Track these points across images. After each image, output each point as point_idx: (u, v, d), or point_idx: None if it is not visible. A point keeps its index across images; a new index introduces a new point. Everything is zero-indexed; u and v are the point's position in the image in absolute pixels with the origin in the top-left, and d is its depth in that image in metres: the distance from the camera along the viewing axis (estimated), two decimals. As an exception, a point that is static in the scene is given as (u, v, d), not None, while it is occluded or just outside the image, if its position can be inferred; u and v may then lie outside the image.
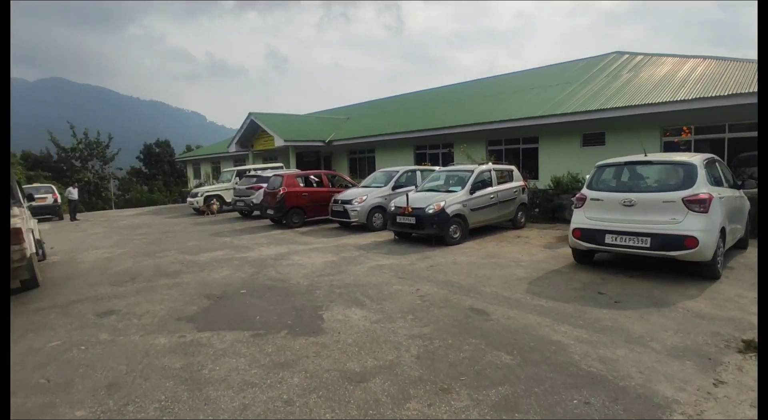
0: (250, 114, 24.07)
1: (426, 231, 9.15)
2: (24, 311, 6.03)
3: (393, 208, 9.87)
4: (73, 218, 19.86)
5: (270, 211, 13.59)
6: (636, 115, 12.32)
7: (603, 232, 6.30)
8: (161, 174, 46.56)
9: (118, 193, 38.46)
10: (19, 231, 6.20)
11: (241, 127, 25.05)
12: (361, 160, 23.72)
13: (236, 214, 17.72)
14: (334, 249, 9.36)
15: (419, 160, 20.35)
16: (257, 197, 15.71)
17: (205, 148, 40.38)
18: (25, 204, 9.18)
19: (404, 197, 9.88)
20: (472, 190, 9.78)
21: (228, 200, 18.89)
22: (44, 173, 34.82)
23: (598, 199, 6.54)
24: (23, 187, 21.57)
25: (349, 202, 11.63)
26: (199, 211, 19.03)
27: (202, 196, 18.75)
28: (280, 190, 13.17)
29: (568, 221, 12.36)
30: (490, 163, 10.91)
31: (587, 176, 9.61)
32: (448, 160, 18.80)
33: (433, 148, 20.00)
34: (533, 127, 15.55)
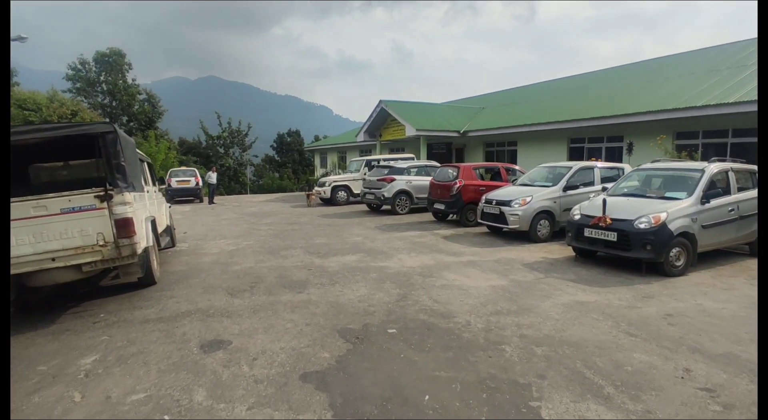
0: (380, 102, 22.73)
1: (634, 253, 6.37)
2: (129, 321, 4.85)
3: (577, 217, 7.23)
4: (211, 201, 20.48)
5: (439, 206, 11.88)
6: None
7: None
8: (291, 162, 48.56)
9: (253, 179, 40.75)
10: (128, 222, 5.03)
11: (371, 115, 23.90)
12: (500, 154, 20.95)
13: (363, 207, 16.37)
14: (495, 266, 7.07)
15: (574, 154, 17.03)
16: (389, 190, 14.08)
17: (332, 137, 40.80)
18: (156, 188, 8.49)
19: (597, 202, 7.18)
20: (705, 199, 6.71)
21: (356, 192, 17.67)
22: (193, 158, 38.04)
23: None
24: (172, 169, 23.11)
25: (507, 203, 9.22)
26: (325, 201, 18.17)
27: (329, 185, 17.79)
28: (456, 183, 11.33)
29: None
30: (717, 162, 7.55)
31: None
32: (613, 155, 15.29)
33: (594, 142, 16.51)
34: (754, 114, 11.46)
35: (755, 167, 7.94)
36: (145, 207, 6.31)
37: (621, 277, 6.37)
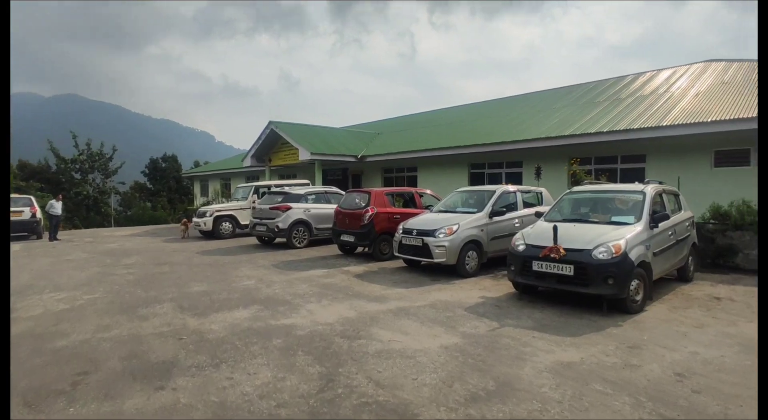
0: (270, 123, 20.70)
1: (594, 289, 5.39)
2: None
3: (522, 247, 6.14)
4: (52, 237, 16.25)
5: (347, 237, 10.17)
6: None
7: None
8: (166, 190, 43.22)
9: (119, 209, 35.06)
10: None
11: (259, 138, 21.66)
12: (399, 180, 20.18)
13: (252, 240, 14.04)
14: (433, 313, 5.59)
15: (475, 180, 16.77)
16: (284, 220, 12.08)
17: (215, 163, 37.22)
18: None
19: (543, 229, 6.19)
20: (654, 223, 6.08)
21: (243, 222, 15.26)
22: (36, 184, 31.42)
23: None
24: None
25: (430, 233, 7.91)
26: (206, 234, 15.42)
27: (211, 216, 15.11)
28: (367, 211, 9.74)
29: (743, 270, 8.19)
30: (652, 183, 7.07)
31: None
32: (513, 180, 15.13)
33: (494, 167, 16.45)
34: (642, 141, 12.09)
35: (677, 190, 7.76)
36: None
37: (583, 318, 5.31)
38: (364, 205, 10.00)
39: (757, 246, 8.12)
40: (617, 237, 5.56)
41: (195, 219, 15.64)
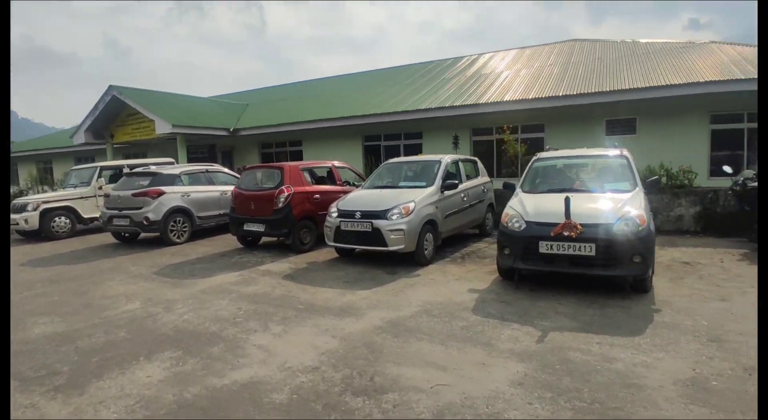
0: (111, 88, 16.32)
1: (619, 270, 4.50)
2: None
3: (520, 226, 4.98)
4: None
5: (255, 226, 7.90)
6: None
7: None
8: (-49, 180, 32.83)
9: None
10: None
11: (95, 108, 17.02)
12: (280, 156, 17.88)
13: (105, 238, 10.63)
14: (442, 326, 4.10)
15: (370, 153, 15.48)
16: (156, 210, 9.18)
17: (26, 142, 29.27)
18: None
19: (540, 203, 5.11)
20: (647, 189, 5.49)
21: (87, 215, 11.57)
22: None
23: None
24: None
25: (381, 215, 6.27)
26: (25, 235, 11.38)
27: (36, 209, 11.05)
28: (282, 191, 7.51)
29: (664, 231, 7.99)
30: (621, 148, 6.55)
31: None
32: (413, 152, 14.23)
33: (391, 139, 15.37)
34: (541, 111, 12.20)
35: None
36: None
37: (612, 306, 4.40)
38: (274, 184, 7.87)
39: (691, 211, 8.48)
40: (633, 207, 4.75)
41: (12, 215, 11.34)
